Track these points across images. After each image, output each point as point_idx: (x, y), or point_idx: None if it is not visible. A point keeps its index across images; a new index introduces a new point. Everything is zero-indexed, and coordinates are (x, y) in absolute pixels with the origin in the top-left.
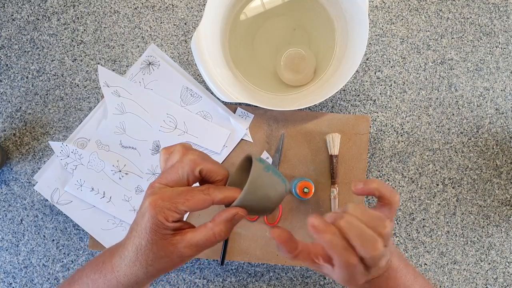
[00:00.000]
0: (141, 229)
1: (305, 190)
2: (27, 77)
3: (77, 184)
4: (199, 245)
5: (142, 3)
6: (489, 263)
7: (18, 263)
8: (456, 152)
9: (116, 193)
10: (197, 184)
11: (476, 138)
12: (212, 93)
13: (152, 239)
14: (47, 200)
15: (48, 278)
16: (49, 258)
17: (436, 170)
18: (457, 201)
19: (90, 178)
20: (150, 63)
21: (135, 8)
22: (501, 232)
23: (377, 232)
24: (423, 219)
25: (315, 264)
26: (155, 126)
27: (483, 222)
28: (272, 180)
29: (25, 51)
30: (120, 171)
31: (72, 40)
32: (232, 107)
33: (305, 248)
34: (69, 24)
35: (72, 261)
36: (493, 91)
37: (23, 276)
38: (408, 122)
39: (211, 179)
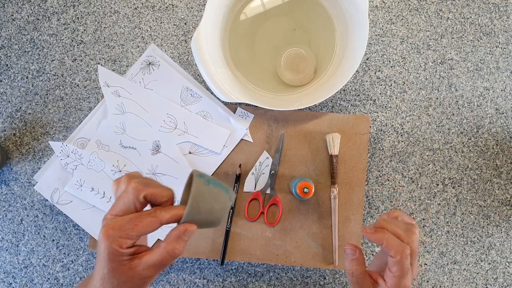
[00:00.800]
0: (101, 259)
1: (305, 190)
2: (27, 77)
3: (77, 184)
4: (156, 266)
5: (142, 3)
6: (489, 263)
7: (18, 263)
8: (456, 152)
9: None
10: (149, 207)
11: (476, 138)
12: (212, 93)
13: (112, 267)
14: (47, 200)
15: (48, 278)
16: (49, 258)
17: (436, 170)
18: (457, 201)
19: (90, 178)
20: (150, 63)
21: (135, 8)
22: (501, 232)
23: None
24: (423, 219)
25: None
26: (155, 126)
27: (483, 222)
28: (214, 193)
29: (25, 51)
30: (120, 171)
31: (72, 40)
32: (232, 107)
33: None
34: (69, 24)
35: (72, 261)
36: (493, 91)
37: (23, 276)
38: (408, 122)
39: (158, 202)
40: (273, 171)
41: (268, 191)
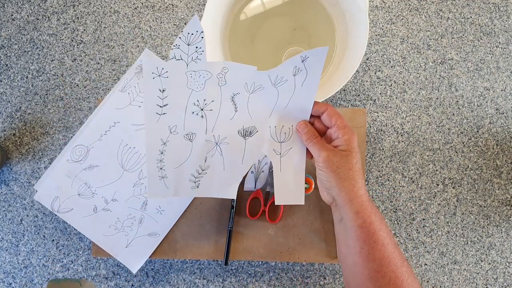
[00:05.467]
0: None
1: (305, 185)
2: (27, 77)
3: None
4: None
5: (142, 3)
6: (489, 263)
7: (18, 263)
8: (456, 152)
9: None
10: None
11: (476, 138)
12: None
13: None
14: None
15: (48, 278)
16: (49, 258)
17: (436, 170)
18: (457, 201)
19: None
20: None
21: (135, 8)
22: (501, 232)
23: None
24: (423, 219)
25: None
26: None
27: (483, 222)
28: (64, 286)
29: (25, 51)
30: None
31: (72, 40)
32: None
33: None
34: (69, 24)
35: (72, 261)
36: (493, 91)
37: (23, 276)
38: (408, 122)
39: None
40: (272, 169)
41: (268, 189)
